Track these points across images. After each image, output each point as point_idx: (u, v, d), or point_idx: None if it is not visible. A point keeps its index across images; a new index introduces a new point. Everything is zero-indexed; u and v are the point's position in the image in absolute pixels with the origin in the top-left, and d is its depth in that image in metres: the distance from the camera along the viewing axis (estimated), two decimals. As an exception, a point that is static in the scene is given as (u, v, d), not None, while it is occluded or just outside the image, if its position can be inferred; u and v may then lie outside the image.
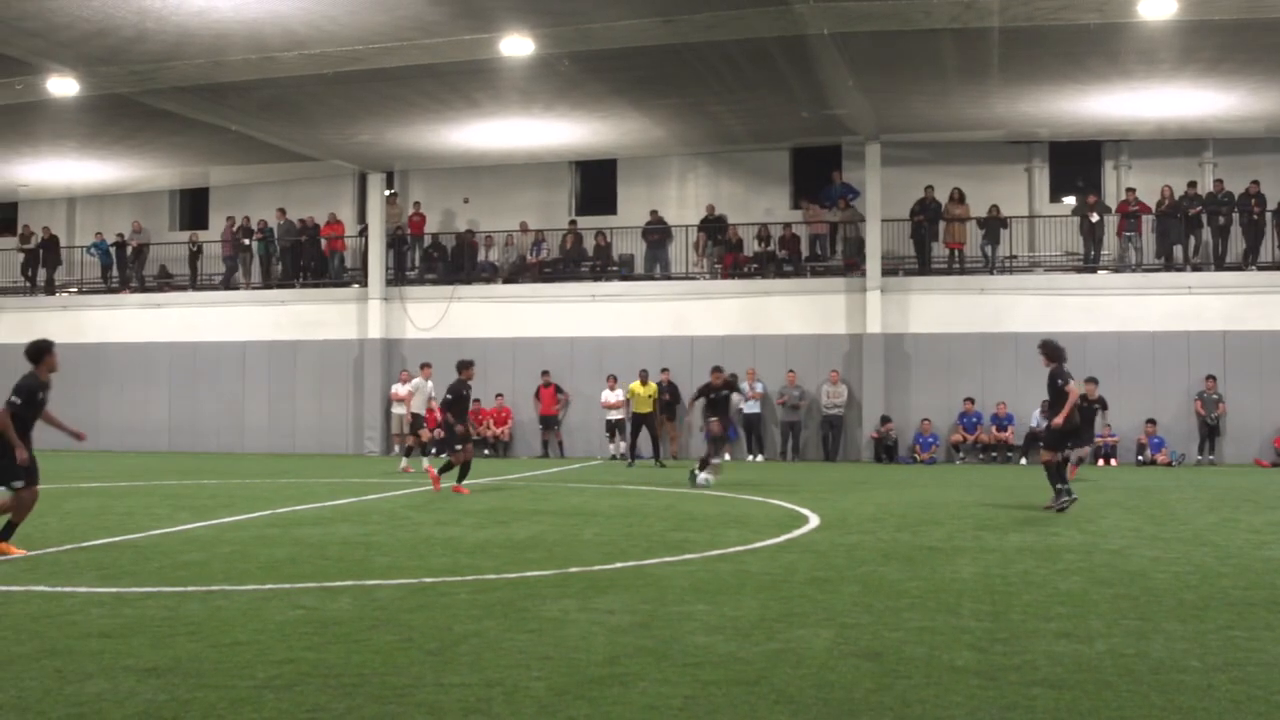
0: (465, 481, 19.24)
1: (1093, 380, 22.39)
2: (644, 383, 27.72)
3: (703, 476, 20.55)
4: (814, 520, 14.81)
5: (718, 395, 21.54)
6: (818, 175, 31.86)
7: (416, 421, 25.19)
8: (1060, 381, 15.99)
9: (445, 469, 19.34)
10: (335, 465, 27.29)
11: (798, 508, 16.36)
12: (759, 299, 30.38)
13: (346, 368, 32.77)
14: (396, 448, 28.37)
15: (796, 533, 13.55)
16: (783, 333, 29.91)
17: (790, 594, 9.36)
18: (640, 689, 6.42)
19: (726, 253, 31.30)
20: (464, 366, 19.62)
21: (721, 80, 24.97)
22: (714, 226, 31.44)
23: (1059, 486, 15.74)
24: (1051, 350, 16.28)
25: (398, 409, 28.16)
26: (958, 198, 29.64)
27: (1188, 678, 6.69)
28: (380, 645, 7.43)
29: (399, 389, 28.24)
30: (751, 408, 29.26)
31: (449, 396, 19.38)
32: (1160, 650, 7.36)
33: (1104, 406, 23.74)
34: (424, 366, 25.27)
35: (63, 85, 23.95)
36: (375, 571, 10.54)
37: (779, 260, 31.02)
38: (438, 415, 21.31)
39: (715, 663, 7.00)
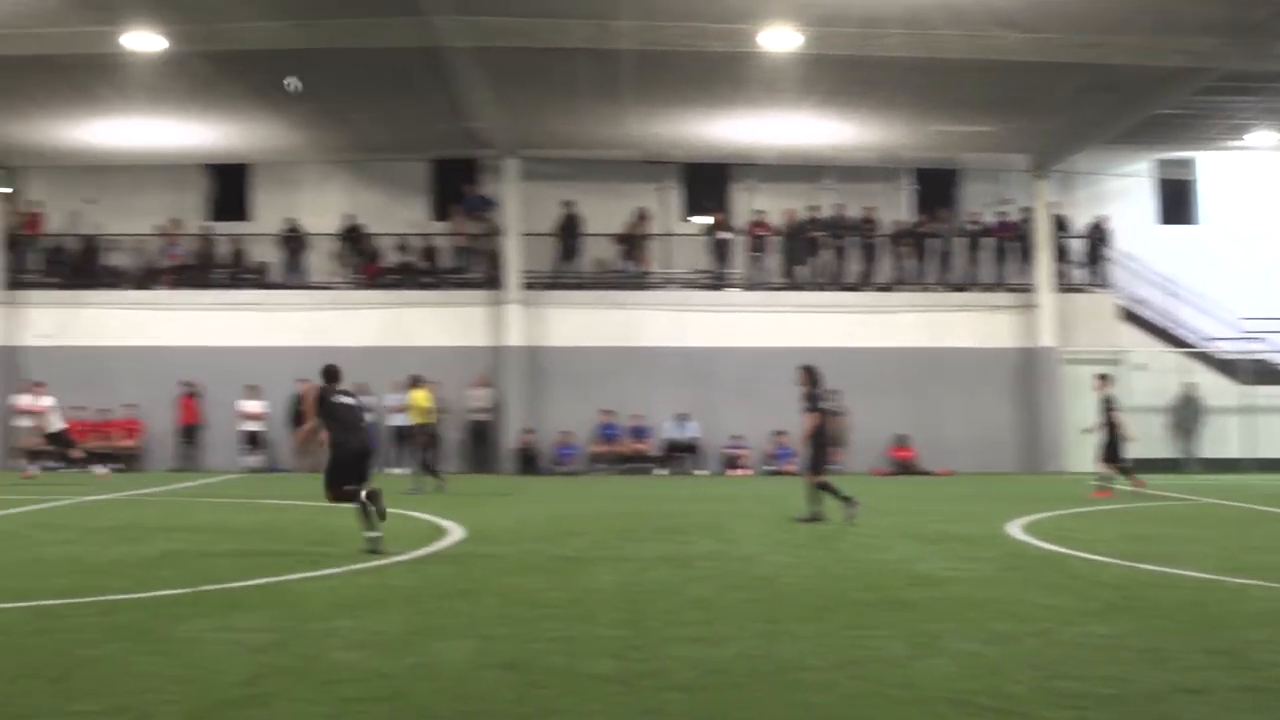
0: None
1: None
2: (419, 387, 23.57)
3: None
4: (457, 533, 14.79)
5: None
6: (459, 187, 31.82)
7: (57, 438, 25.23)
8: (807, 405, 16.19)
9: None
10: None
11: (439, 519, 16.28)
12: (398, 310, 30.12)
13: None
14: (24, 461, 26.39)
15: (438, 545, 13.50)
16: (423, 344, 29.67)
17: (431, 607, 9.29)
18: (279, 709, 6.25)
19: (366, 263, 30.90)
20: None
21: (360, 88, 24.64)
22: (355, 236, 30.98)
23: (843, 496, 16.10)
24: (807, 374, 16.33)
25: (24, 421, 27.30)
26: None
27: (811, 675, 7.03)
28: (-6, 674, 6.94)
29: (28, 400, 27.09)
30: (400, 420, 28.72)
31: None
32: (786, 651, 7.69)
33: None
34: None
35: None
36: (-13, 595, 9.84)
37: (418, 271, 30.83)
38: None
39: (356, 679, 6.88)
